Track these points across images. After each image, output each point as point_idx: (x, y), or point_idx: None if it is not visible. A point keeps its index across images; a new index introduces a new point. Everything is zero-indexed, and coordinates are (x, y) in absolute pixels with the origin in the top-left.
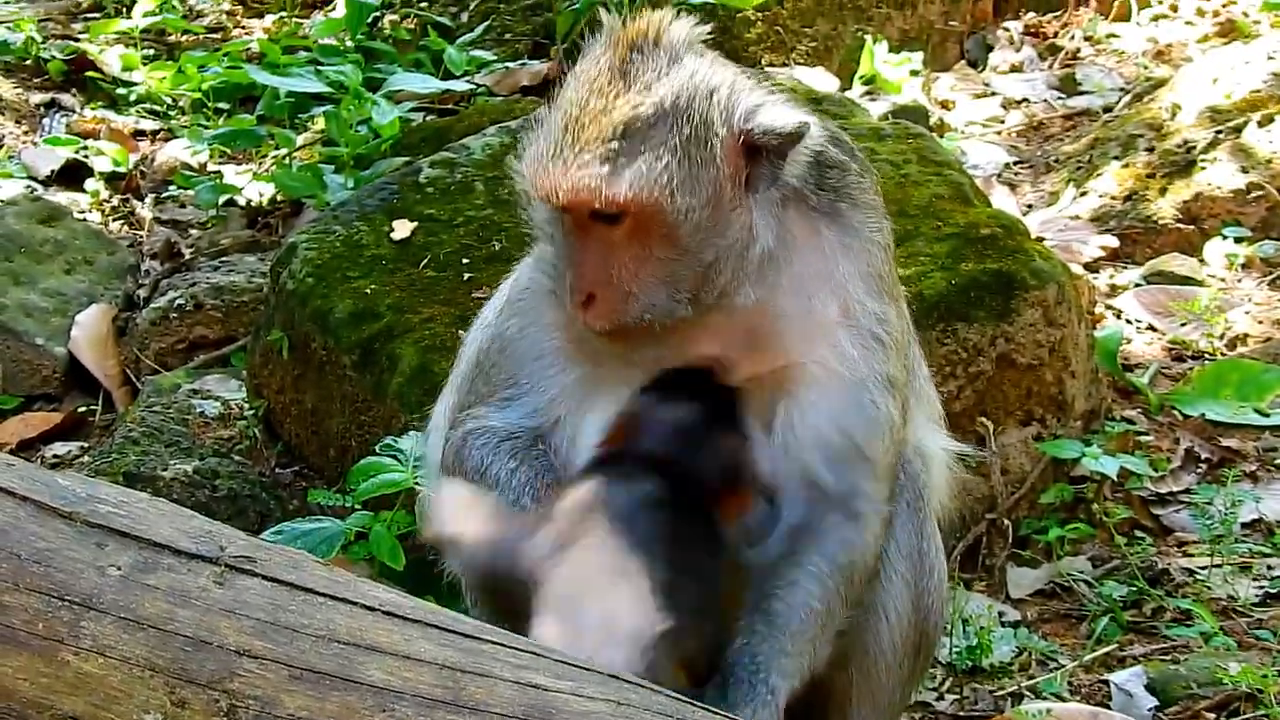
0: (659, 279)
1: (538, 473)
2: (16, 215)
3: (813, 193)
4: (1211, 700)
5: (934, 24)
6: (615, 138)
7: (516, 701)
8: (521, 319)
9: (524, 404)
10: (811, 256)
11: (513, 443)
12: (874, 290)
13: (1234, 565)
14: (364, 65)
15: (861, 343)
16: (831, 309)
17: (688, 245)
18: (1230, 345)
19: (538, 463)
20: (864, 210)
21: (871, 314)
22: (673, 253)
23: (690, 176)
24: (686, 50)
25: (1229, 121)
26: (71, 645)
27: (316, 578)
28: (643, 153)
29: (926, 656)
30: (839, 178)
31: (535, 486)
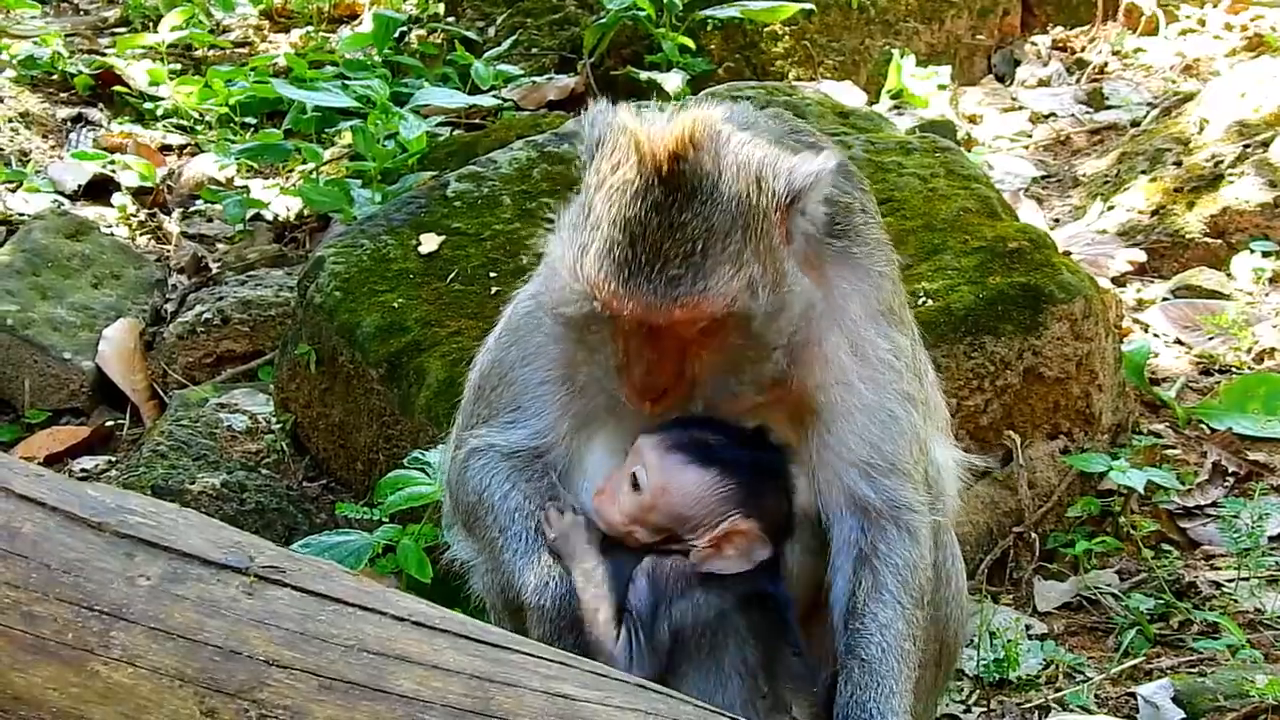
0: (729, 369)
1: (527, 497)
2: (44, 230)
3: (824, 239)
4: (1239, 713)
5: (961, 38)
6: (694, 254)
7: (545, 711)
8: (520, 347)
9: (527, 427)
10: (824, 300)
11: (512, 463)
12: (883, 326)
13: (1261, 578)
14: (391, 80)
15: (873, 375)
16: (844, 349)
17: (761, 333)
18: (1258, 359)
19: (530, 486)
20: (870, 246)
21: (883, 348)
22: (748, 343)
23: (764, 272)
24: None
25: (1257, 136)
26: (101, 655)
27: (345, 588)
28: (724, 264)
29: (948, 667)
30: (846, 219)
31: (526, 513)
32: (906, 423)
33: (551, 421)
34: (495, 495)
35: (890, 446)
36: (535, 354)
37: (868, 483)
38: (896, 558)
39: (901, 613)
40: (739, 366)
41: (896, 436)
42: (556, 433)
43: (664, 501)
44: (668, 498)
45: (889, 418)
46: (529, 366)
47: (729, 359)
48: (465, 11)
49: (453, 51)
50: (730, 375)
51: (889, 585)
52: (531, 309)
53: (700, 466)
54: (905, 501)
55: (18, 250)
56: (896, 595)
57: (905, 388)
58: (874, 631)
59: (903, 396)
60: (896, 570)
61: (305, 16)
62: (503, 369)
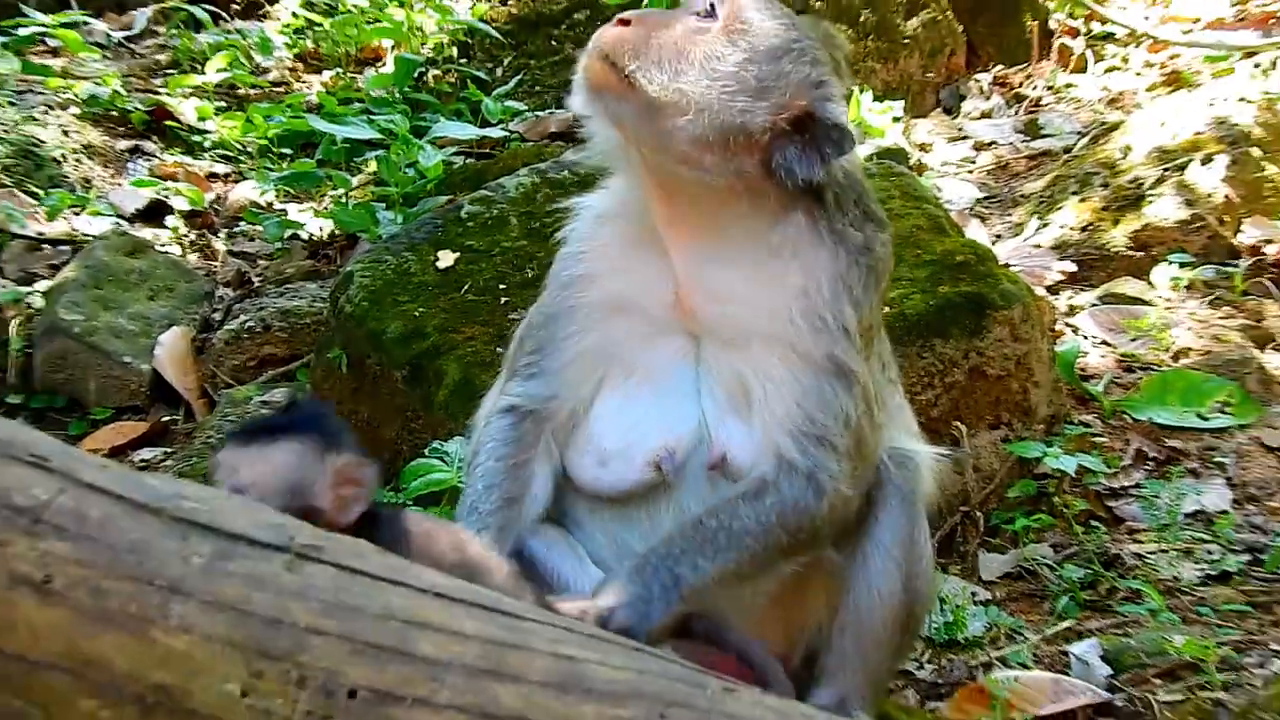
0: (678, 64)
1: (489, 487)
2: (106, 248)
3: (835, 214)
4: (1159, 669)
5: (913, 76)
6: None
7: (551, 670)
8: (552, 289)
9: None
10: (804, 249)
11: (509, 426)
12: (838, 289)
13: (1178, 550)
14: (411, 115)
15: (811, 320)
16: (795, 281)
17: (726, 71)
18: (1175, 357)
19: (501, 479)
20: (865, 239)
21: (827, 302)
22: (715, 62)
23: (775, 53)
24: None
25: (1174, 161)
26: (160, 624)
27: (375, 564)
28: (781, 17)
29: (914, 631)
30: (864, 207)
31: (483, 502)
32: (840, 401)
33: (565, 363)
34: (476, 470)
35: (821, 420)
36: (559, 287)
37: (796, 445)
38: (792, 495)
39: (759, 521)
40: (687, 61)
41: (828, 412)
42: (566, 380)
43: (272, 482)
44: (269, 481)
45: (827, 390)
46: (551, 305)
47: (690, 50)
48: (476, 54)
49: (465, 90)
50: (673, 59)
51: (767, 499)
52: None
53: (275, 442)
54: (827, 467)
55: (83, 267)
56: (767, 510)
57: (842, 357)
58: (725, 509)
59: (838, 369)
60: (782, 498)
61: (335, 59)
62: (534, 318)
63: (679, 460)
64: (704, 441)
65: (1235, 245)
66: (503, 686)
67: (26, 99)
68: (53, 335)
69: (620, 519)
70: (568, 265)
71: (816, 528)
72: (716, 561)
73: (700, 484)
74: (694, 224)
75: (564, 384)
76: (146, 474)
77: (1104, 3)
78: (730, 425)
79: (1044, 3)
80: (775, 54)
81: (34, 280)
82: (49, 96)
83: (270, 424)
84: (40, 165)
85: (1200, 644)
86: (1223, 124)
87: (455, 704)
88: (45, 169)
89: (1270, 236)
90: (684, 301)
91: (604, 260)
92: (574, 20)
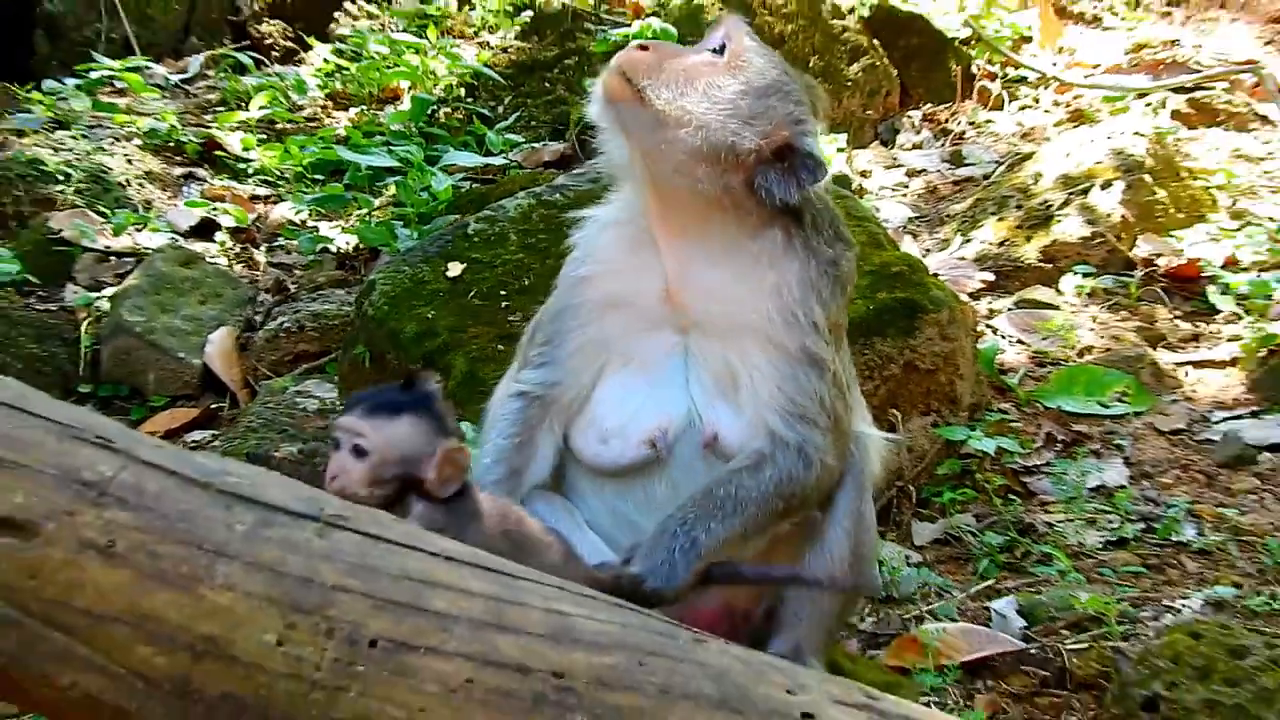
0: (685, 87)
1: (496, 461)
2: (163, 260)
3: (810, 232)
4: (1067, 621)
5: (855, 113)
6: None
7: (545, 624)
8: (560, 288)
9: (552, 359)
10: (779, 260)
11: (520, 409)
12: (807, 291)
13: (1083, 520)
14: (425, 146)
15: (784, 316)
16: (770, 283)
17: (724, 99)
18: (1079, 354)
19: (508, 454)
20: (832, 251)
21: (797, 300)
22: (716, 90)
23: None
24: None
25: (1078, 186)
26: (207, 583)
27: (395, 531)
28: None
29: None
30: (832, 229)
31: (490, 473)
32: (814, 386)
33: (571, 351)
34: (485, 443)
35: (801, 402)
36: (568, 286)
37: (785, 423)
38: (786, 465)
39: (760, 490)
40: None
41: (806, 396)
42: (571, 367)
43: (391, 452)
44: (392, 447)
45: (802, 377)
46: (560, 301)
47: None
48: (481, 94)
49: (471, 124)
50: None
51: (765, 470)
52: (570, 261)
53: (399, 415)
54: (813, 441)
55: (144, 275)
56: (766, 481)
57: (813, 348)
58: (730, 480)
59: (811, 359)
60: (778, 469)
61: (360, 98)
62: (544, 314)
63: (671, 439)
64: (694, 423)
65: (1131, 258)
66: (503, 637)
67: (96, 132)
68: (117, 334)
69: (619, 492)
70: (573, 267)
71: (806, 494)
72: (726, 525)
73: (690, 461)
74: (684, 226)
75: (569, 372)
76: (197, 453)
77: (1018, 50)
78: (719, 408)
79: (967, 50)
80: (766, 90)
81: (102, 287)
82: (116, 130)
83: (394, 399)
84: (108, 189)
85: (1103, 600)
86: (1120, 154)
87: (462, 652)
88: (112, 192)
89: (1161, 251)
90: (674, 297)
91: (604, 262)
92: (564, 65)
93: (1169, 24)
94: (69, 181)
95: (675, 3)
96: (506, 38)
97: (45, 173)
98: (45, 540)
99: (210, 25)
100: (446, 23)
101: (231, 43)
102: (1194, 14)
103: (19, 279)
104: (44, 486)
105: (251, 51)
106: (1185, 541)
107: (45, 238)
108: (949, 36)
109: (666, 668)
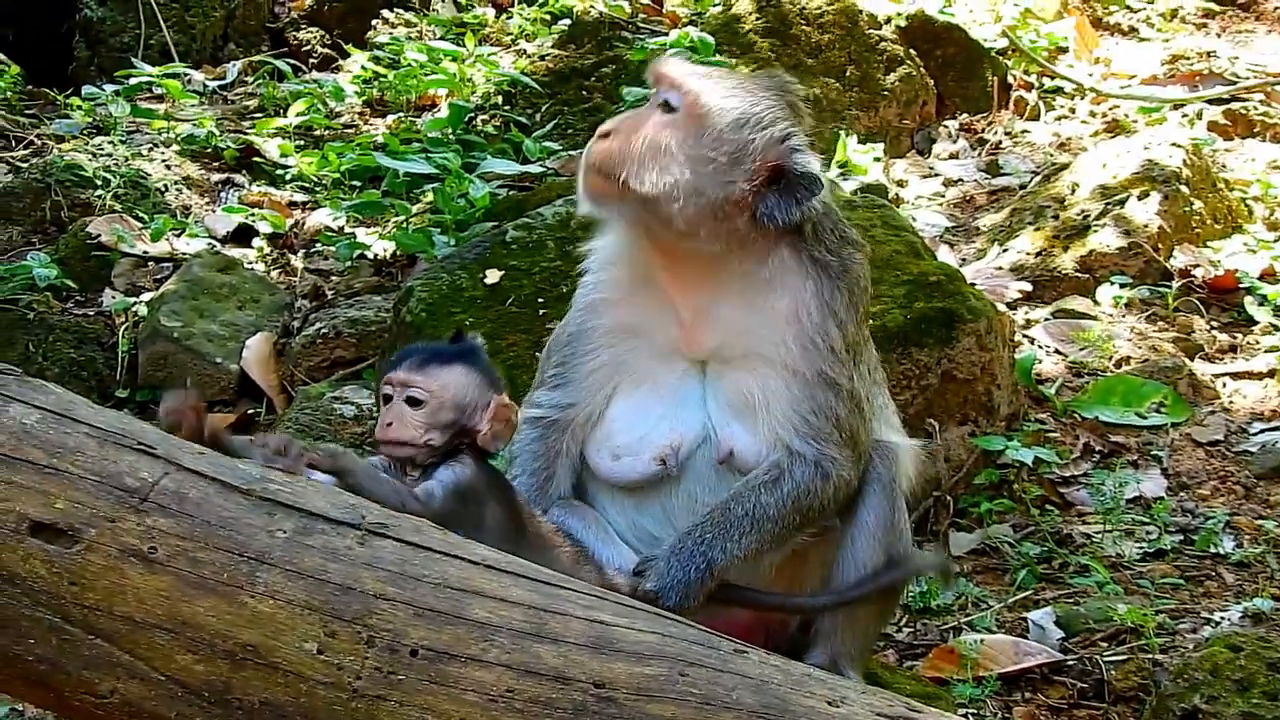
0: (661, 159)
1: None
2: (201, 266)
3: (814, 242)
4: (1105, 633)
5: (891, 122)
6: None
7: (586, 634)
8: (575, 311)
9: (567, 381)
10: (791, 279)
11: (538, 431)
12: (825, 315)
13: (1121, 531)
14: (462, 153)
15: (801, 342)
16: (786, 310)
17: (698, 161)
18: (1117, 365)
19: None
20: (844, 262)
21: (816, 326)
22: (688, 149)
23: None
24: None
25: (1115, 197)
26: (249, 590)
27: (434, 539)
28: (726, 96)
29: (894, 601)
30: (836, 239)
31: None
32: (828, 403)
33: (587, 372)
34: (518, 454)
35: (817, 419)
36: (582, 310)
37: (801, 440)
38: (804, 478)
39: (778, 504)
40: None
41: (821, 413)
42: (587, 388)
43: (448, 398)
44: (449, 394)
45: (818, 396)
46: (574, 325)
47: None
48: (518, 102)
49: (509, 132)
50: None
51: (783, 486)
52: (585, 282)
53: (451, 364)
54: (830, 454)
55: (182, 281)
56: (784, 496)
57: (830, 372)
58: (748, 496)
59: (827, 381)
60: (796, 483)
61: (397, 105)
62: (561, 335)
63: (682, 456)
64: (709, 440)
65: (1168, 269)
66: (544, 646)
67: (135, 138)
68: (155, 339)
69: (637, 506)
70: (586, 292)
71: (824, 507)
72: (743, 544)
73: (706, 475)
74: (694, 276)
75: (583, 393)
76: (237, 460)
77: (1054, 61)
78: (734, 427)
79: (1003, 60)
80: (737, 125)
81: (140, 292)
82: (154, 136)
83: (445, 350)
84: (146, 194)
85: (1140, 612)
86: (1156, 166)
87: (503, 662)
88: (150, 197)
89: (1198, 261)
90: (687, 331)
91: (616, 290)
92: (601, 73)
93: (1205, 35)
94: (108, 187)
95: (712, 11)
96: (544, 46)
97: (84, 178)
98: (87, 547)
99: (248, 32)
100: (484, 30)
101: (270, 49)
102: (1230, 25)
103: (57, 284)
104: (85, 493)
105: (289, 58)
106: (1224, 553)
107: (84, 243)
108: (985, 46)
109: (708, 678)
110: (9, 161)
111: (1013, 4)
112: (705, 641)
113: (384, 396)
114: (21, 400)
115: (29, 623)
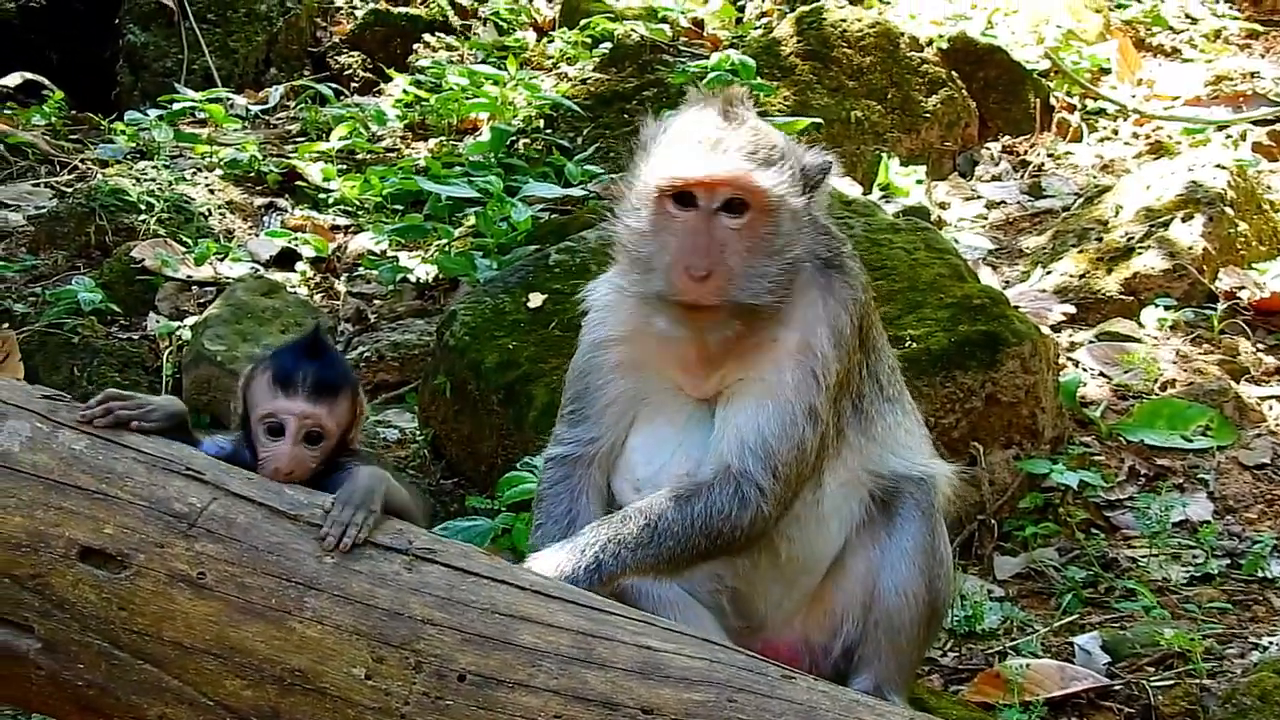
0: (760, 266)
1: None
2: (245, 290)
3: (816, 257)
4: (1152, 658)
5: (933, 144)
6: (756, 150)
7: (634, 659)
8: (583, 348)
9: (585, 416)
10: (802, 302)
11: (563, 470)
12: (832, 341)
13: (1167, 555)
14: (504, 177)
15: (802, 375)
16: (794, 343)
17: (785, 240)
18: (1162, 387)
19: (557, 509)
20: (849, 282)
21: (820, 357)
22: (774, 244)
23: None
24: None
25: (1159, 219)
26: (297, 615)
27: (482, 564)
28: (774, 166)
29: (937, 626)
30: (840, 264)
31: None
32: (802, 433)
33: (604, 405)
34: (542, 502)
35: (774, 440)
36: (594, 342)
37: (735, 454)
38: (717, 498)
39: (683, 521)
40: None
41: (785, 436)
42: (606, 421)
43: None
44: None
45: (791, 421)
46: (585, 359)
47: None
48: (560, 125)
49: (551, 155)
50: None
51: (694, 504)
52: (591, 306)
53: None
54: (754, 478)
55: (225, 304)
56: (693, 515)
57: (816, 403)
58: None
59: (809, 411)
60: (709, 504)
61: (439, 129)
62: (575, 370)
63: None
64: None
65: (1213, 291)
66: (592, 672)
67: (179, 163)
68: (199, 362)
69: None
70: (592, 330)
71: (735, 538)
72: (637, 555)
73: None
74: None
75: (603, 426)
76: (284, 485)
77: (1096, 82)
78: None
79: (1045, 82)
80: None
81: (184, 316)
82: (197, 160)
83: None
84: (190, 218)
85: (1187, 636)
86: (1200, 187)
87: (550, 687)
88: (194, 222)
89: (1243, 283)
90: (691, 380)
91: (623, 326)
92: (643, 97)
93: (1249, 56)
94: (151, 211)
95: (753, 34)
96: (585, 69)
97: (128, 203)
98: (136, 572)
99: (290, 57)
100: (525, 54)
101: (311, 74)
102: (1274, 46)
103: (102, 308)
104: (134, 518)
105: (331, 82)
106: (1271, 578)
107: (128, 267)
108: (1027, 68)
109: (756, 704)
110: (54, 186)
111: (1055, 26)
112: (753, 667)
113: (273, 425)
114: (70, 425)
115: (78, 647)
